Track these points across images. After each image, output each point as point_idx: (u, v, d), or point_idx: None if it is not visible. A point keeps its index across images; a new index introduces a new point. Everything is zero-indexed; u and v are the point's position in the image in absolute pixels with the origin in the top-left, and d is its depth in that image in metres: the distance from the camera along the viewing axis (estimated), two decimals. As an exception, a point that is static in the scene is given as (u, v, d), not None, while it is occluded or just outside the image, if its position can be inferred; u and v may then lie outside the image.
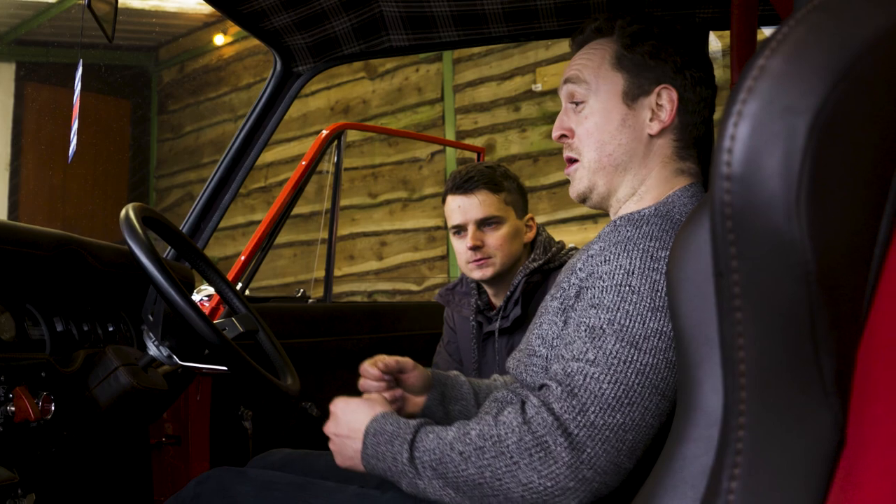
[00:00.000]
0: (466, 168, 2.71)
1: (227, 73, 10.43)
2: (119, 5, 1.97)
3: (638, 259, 1.39)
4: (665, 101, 1.59)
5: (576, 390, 1.35)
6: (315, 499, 1.63)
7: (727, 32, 2.14)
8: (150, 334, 1.78)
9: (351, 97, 8.76)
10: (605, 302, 1.39)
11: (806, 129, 0.66)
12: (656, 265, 1.38)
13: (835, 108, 0.67)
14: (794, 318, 0.70)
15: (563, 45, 6.84)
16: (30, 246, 1.79)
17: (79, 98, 2.03)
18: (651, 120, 1.60)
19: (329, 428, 1.60)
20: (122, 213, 1.67)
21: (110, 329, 2.04)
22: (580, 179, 1.66)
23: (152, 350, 1.79)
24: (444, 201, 2.74)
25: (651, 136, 1.60)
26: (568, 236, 6.47)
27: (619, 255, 1.42)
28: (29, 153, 10.51)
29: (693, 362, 1.05)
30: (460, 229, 2.66)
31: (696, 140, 1.64)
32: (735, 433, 0.75)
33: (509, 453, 1.35)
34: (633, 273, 1.39)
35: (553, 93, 7.06)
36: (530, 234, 2.71)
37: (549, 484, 1.32)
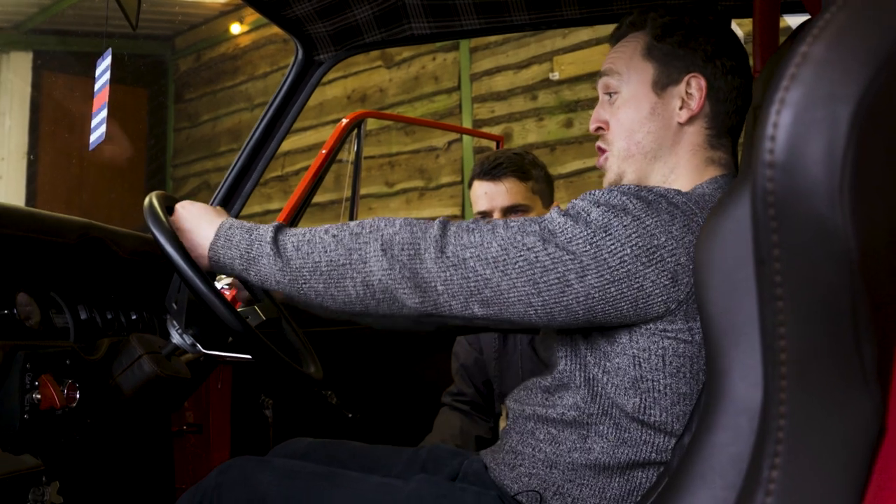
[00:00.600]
0: (495, 154, 2.70)
1: (243, 62, 10.43)
2: (135, -6, 1.97)
3: (614, 205, 1.42)
4: (694, 89, 1.60)
5: (474, 231, 1.45)
6: (337, 488, 1.64)
7: (748, 20, 2.13)
8: (174, 322, 1.78)
9: (368, 86, 8.75)
10: (569, 210, 1.45)
11: (849, 117, 0.66)
12: (625, 218, 1.39)
13: (877, 94, 0.66)
14: (836, 306, 0.70)
15: (581, 34, 6.83)
16: (54, 234, 1.79)
17: (107, 87, 2.03)
18: (680, 108, 1.61)
19: (173, 223, 1.66)
20: (146, 201, 1.67)
21: (133, 317, 2.05)
22: (610, 168, 1.68)
23: (176, 338, 1.79)
24: (470, 186, 2.73)
25: (680, 125, 1.61)
26: (585, 225, 6.43)
27: (604, 194, 1.45)
28: (46, 142, 10.54)
29: (721, 350, 1.05)
30: (486, 216, 2.64)
31: (729, 129, 1.64)
32: (776, 422, 0.74)
33: (384, 241, 1.46)
34: (599, 206, 1.42)
35: (570, 81, 7.04)
36: (555, 224, 2.70)
37: (407, 275, 1.43)
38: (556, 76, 7.14)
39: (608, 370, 1.50)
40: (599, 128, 1.69)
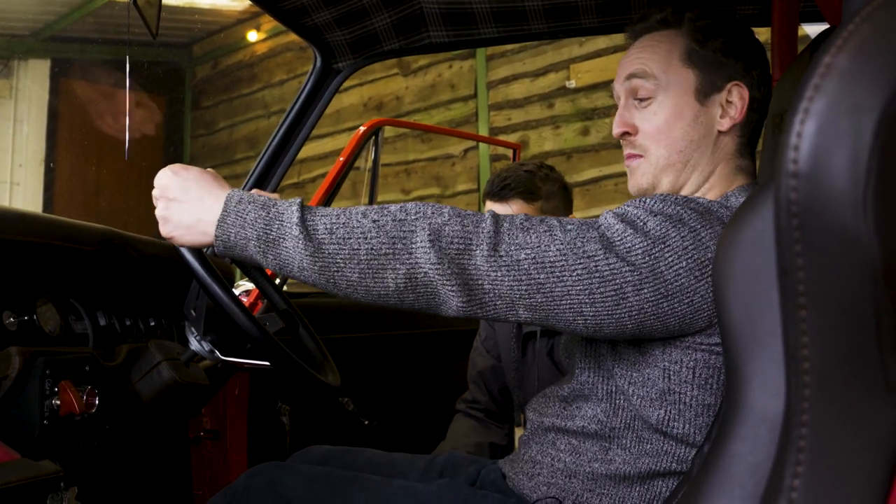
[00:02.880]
0: (505, 173, 2.68)
1: (260, 70, 10.46)
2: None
3: (671, 214, 1.37)
4: (735, 98, 1.56)
5: (531, 231, 1.35)
6: (362, 492, 1.65)
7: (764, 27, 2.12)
8: (193, 329, 1.79)
9: (384, 93, 8.77)
10: (624, 216, 1.38)
11: (873, 127, 0.66)
12: (682, 229, 1.35)
13: (902, 105, 0.66)
14: (859, 317, 0.70)
15: (598, 42, 6.83)
16: (74, 241, 1.80)
17: (129, 95, 2.03)
18: (721, 117, 1.57)
19: (158, 192, 1.46)
20: None
21: (152, 323, 2.06)
22: (643, 175, 1.60)
23: (194, 345, 1.79)
24: (484, 202, 2.74)
25: (720, 133, 1.57)
26: (601, 233, 6.41)
27: (657, 203, 1.39)
28: (63, 148, 10.59)
29: (741, 360, 1.04)
30: None
31: (753, 138, 1.63)
32: (798, 431, 0.74)
33: (432, 230, 1.32)
34: (656, 216, 1.36)
35: (586, 90, 7.03)
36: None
37: (456, 271, 1.31)
38: (572, 84, 7.13)
39: (635, 381, 1.47)
40: (626, 133, 1.61)
